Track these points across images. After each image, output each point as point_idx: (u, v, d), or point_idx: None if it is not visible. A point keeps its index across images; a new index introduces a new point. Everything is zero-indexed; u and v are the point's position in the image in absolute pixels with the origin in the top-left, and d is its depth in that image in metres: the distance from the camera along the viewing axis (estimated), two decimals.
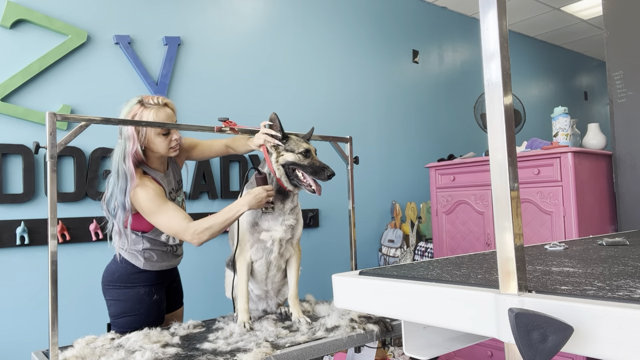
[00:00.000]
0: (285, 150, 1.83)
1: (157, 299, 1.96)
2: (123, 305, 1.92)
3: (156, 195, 1.78)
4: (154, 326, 1.83)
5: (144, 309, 1.92)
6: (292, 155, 1.82)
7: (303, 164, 1.81)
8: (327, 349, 1.63)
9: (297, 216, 1.89)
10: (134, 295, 1.91)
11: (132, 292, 1.92)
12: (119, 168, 1.78)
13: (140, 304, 1.91)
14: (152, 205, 1.77)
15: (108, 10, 2.89)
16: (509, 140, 0.71)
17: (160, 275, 1.99)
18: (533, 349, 0.62)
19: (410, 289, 0.90)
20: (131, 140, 1.78)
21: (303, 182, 1.82)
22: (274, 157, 1.84)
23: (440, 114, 4.62)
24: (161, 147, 1.85)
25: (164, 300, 2.01)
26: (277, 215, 1.84)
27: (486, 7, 0.73)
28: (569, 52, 6.22)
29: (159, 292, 1.98)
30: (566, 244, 1.46)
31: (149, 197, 1.77)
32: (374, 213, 4.04)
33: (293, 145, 1.84)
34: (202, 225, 1.74)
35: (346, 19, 3.99)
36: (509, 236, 0.71)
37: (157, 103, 1.83)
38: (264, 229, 1.83)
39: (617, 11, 2.98)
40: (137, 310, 1.91)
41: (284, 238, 1.85)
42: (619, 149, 2.91)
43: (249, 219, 1.84)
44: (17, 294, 2.55)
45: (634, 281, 0.79)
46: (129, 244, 1.91)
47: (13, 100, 2.57)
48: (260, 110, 3.44)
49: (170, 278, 2.09)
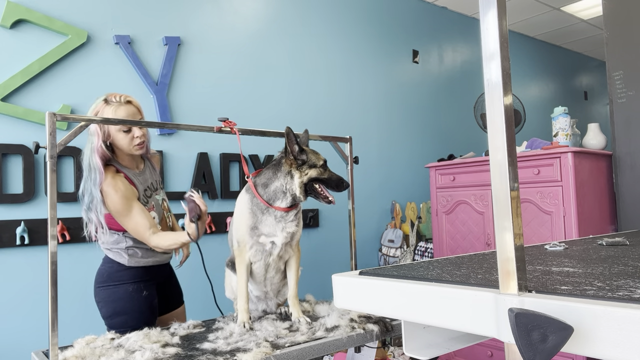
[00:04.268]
0: (308, 167, 1.79)
1: (147, 295, 1.96)
2: (114, 305, 1.93)
3: (125, 198, 1.83)
4: (148, 324, 1.83)
5: (135, 307, 1.93)
6: (315, 170, 1.79)
7: (324, 178, 1.80)
8: (327, 348, 1.63)
9: (298, 221, 1.86)
10: (123, 294, 1.92)
11: (121, 290, 1.93)
12: (89, 163, 1.84)
13: (130, 302, 1.92)
14: (121, 207, 1.83)
15: (108, 10, 2.89)
16: (509, 140, 0.71)
17: (148, 271, 1.99)
18: (533, 349, 0.62)
19: (410, 289, 0.90)
20: (95, 135, 1.85)
21: (321, 194, 1.80)
22: (297, 176, 1.78)
23: (440, 114, 4.62)
24: (123, 143, 1.89)
25: (155, 297, 2.01)
26: (279, 220, 1.80)
27: (486, 7, 0.73)
28: (569, 52, 6.22)
29: (148, 288, 1.98)
30: (566, 244, 1.46)
31: (117, 198, 1.83)
32: (374, 213, 4.04)
33: (314, 159, 1.81)
34: (163, 243, 1.86)
35: (346, 19, 3.99)
36: (509, 236, 0.71)
37: (119, 101, 1.88)
38: (264, 234, 1.81)
39: (617, 11, 2.98)
40: (128, 309, 1.92)
41: (284, 242, 1.84)
42: (619, 149, 2.91)
43: (249, 222, 1.80)
44: (17, 294, 2.55)
45: (634, 281, 0.79)
46: (112, 242, 1.94)
47: (13, 100, 2.57)
48: (260, 110, 3.44)
49: (163, 275, 2.09)
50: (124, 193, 1.84)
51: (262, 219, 1.80)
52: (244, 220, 1.81)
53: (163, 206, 2.09)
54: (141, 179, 1.97)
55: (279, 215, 1.80)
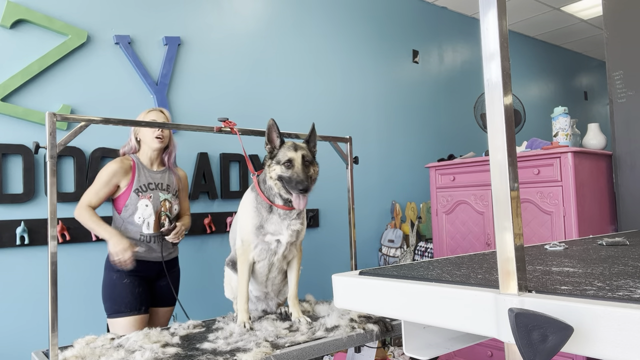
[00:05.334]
0: (275, 164, 1.74)
1: (128, 283, 2.19)
2: (103, 290, 2.23)
3: (104, 174, 2.19)
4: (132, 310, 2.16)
5: (116, 293, 2.18)
6: (279, 167, 1.73)
7: (285, 176, 1.72)
8: (327, 348, 1.63)
9: (302, 220, 1.85)
10: (108, 280, 2.21)
11: (108, 277, 2.23)
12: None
13: (112, 287, 2.20)
14: (99, 177, 2.21)
15: (108, 10, 2.89)
16: (509, 140, 0.71)
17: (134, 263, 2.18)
18: (533, 349, 0.62)
19: (410, 289, 0.90)
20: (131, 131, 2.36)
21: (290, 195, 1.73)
22: (268, 173, 1.76)
23: (440, 114, 4.62)
24: (146, 134, 2.28)
25: (139, 287, 2.21)
26: (284, 218, 1.79)
27: (486, 7, 0.73)
28: (569, 52, 6.22)
29: (130, 277, 2.19)
30: (566, 244, 1.46)
31: (103, 170, 2.21)
32: (374, 213, 4.04)
33: (280, 155, 1.75)
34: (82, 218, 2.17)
35: (346, 19, 3.99)
36: (509, 236, 0.71)
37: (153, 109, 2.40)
38: (269, 232, 1.80)
39: (617, 11, 2.98)
40: (111, 294, 2.19)
41: (290, 241, 1.83)
42: (619, 149, 2.91)
43: (255, 221, 1.79)
44: (17, 294, 2.54)
45: (634, 281, 0.79)
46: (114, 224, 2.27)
47: (13, 100, 2.57)
48: (260, 110, 3.44)
49: (152, 270, 2.28)
50: (108, 173, 2.19)
51: (267, 218, 1.79)
52: (249, 219, 1.80)
53: (163, 204, 2.29)
54: (149, 175, 2.29)
55: (283, 213, 1.78)
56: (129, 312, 2.17)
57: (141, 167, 2.28)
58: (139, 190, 2.23)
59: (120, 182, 2.22)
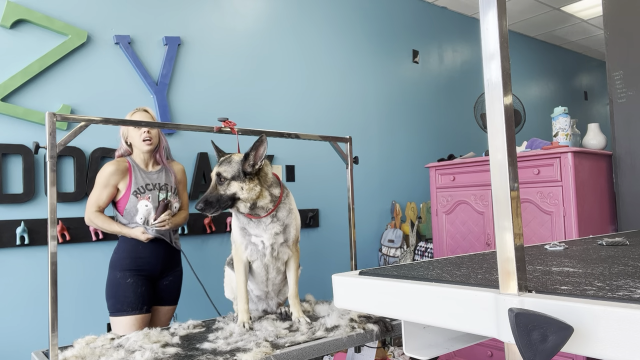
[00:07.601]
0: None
1: (131, 283, 2.20)
2: (107, 288, 2.25)
3: (102, 177, 2.22)
4: (134, 310, 2.18)
5: (119, 292, 2.19)
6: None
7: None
8: (327, 348, 1.63)
9: (284, 221, 1.83)
10: (112, 279, 2.23)
11: (112, 276, 2.24)
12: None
13: (115, 286, 2.22)
14: (97, 181, 2.25)
15: (108, 10, 2.89)
16: (509, 140, 0.71)
17: (135, 262, 2.22)
18: (533, 349, 0.62)
19: (410, 289, 0.90)
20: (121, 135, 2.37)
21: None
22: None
23: (440, 113, 4.62)
24: (135, 136, 2.28)
25: (142, 286, 2.23)
26: (257, 224, 1.80)
27: (486, 7, 0.73)
28: (569, 52, 6.22)
29: (134, 277, 2.22)
30: (566, 244, 1.46)
31: (99, 173, 2.24)
32: (374, 213, 4.04)
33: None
34: (95, 220, 2.22)
35: (346, 19, 3.99)
36: (509, 236, 0.71)
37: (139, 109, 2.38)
38: (253, 234, 1.82)
39: (617, 11, 2.98)
40: (114, 293, 2.20)
41: (275, 242, 1.83)
42: (619, 149, 2.91)
43: (238, 222, 1.84)
44: (17, 294, 2.54)
45: (634, 281, 0.79)
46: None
47: (13, 100, 2.57)
48: (260, 110, 3.44)
49: (155, 271, 2.29)
50: (105, 175, 2.22)
51: (246, 221, 1.82)
52: (235, 221, 1.86)
53: (162, 202, 2.30)
54: (145, 176, 2.29)
55: (255, 220, 1.80)
56: (131, 312, 2.18)
57: (137, 168, 2.29)
58: (137, 192, 2.25)
59: (119, 183, 2.23)
